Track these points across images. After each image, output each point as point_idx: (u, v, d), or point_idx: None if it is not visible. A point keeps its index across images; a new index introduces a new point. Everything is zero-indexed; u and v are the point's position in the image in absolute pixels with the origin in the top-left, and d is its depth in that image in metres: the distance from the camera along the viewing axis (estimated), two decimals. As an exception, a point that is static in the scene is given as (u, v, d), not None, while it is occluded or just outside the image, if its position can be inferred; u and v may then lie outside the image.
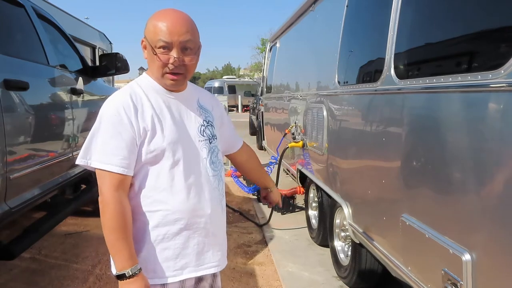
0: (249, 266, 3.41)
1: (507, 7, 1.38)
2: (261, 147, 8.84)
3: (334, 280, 3.13)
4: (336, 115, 3.04)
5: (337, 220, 3.22)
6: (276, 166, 4.53)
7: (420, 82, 1.79)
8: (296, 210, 4.81)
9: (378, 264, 2.65)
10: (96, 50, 7.85)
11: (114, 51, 8.97)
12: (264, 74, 7.52)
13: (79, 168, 3.30)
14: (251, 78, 31.53)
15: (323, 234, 3.61)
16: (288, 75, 5.28)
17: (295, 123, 4.33)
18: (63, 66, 3.28)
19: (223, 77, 38.21)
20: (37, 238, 2.68)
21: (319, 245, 3.77)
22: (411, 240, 1.87)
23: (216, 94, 19.25)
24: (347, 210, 2.74)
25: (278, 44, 6.12)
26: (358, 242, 2.66)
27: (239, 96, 24.39)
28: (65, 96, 3.12)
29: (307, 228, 4.14)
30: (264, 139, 7.44)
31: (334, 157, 3.06)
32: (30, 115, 2.52)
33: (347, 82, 2.87)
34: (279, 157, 4.53)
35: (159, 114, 1.31)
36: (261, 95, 8.28)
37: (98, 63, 4.77)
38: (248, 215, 4.76)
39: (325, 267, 3.33)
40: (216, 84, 27.99)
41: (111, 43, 9.00)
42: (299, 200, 4.92)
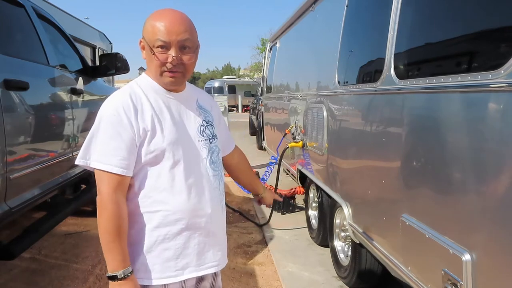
0: (249, 266, 3.41)
1: (507, 7, 1.38)
2: (261, 147, 8.85)
3: (334, 280, 3.13)
4: (336, 115, 3.03)
5: (337, 220, 3.22)
6: (276, 166, 4.53)
7: (420, 82, 1.79)
8: (296, 210, 4.80)
9: (378, 264, 2.65)
10: (96, 50, 7.85)
11: (114, 51, 8.98)
12: (264, 74, 7.52)
13: (79, 168, 3.30)
14: (251, 78, 31.51)
15: (323, 234, 3.61)
16: (288, 75, 5.28)
17: (295, 123, 4.33)
18: (63, 66, 3.28)
19: (223, 77, 38.22)
20: (37, 238, 2.69)
21: (319, 245, 3.77)
22: (411, 240, 1.87)
23: (216, 94, 19.29)
24: (347, 210, 2.74)
25: (278, 44, 6.12)
26: (358, 242, 2.66)
27: (239, 96, 24.38)
28: (65, 96, 3.12)
29: (307, 228, 4.14)
30: (264, 139, 7.44)
31: (334, 157, 3.06)
32: (30, 115, 2.52)
33: (347, 82, 2.87)
34: (279, 157, 4.53)
35: (159, 115, 1.31)
36: (261, 95, 8.27)
37: (98, 63, 4.77)
38: (248, 215, 4.76)
39: (325, 267, 3.33)
40: (216, 84, 28.00)
41: (111, 43, 9.01)
42: (299, 200, 4.92)
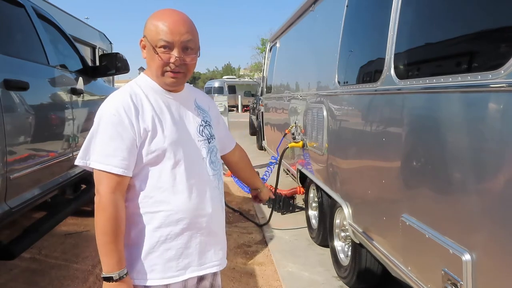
0: (249, 266, 3.41)
1: (507, 7, 1.38)
2: (261, 147, 8.84)
3: (334, 280, 3.13)
4: (336, 115, 3.03)
5: (337, 220, 3.22)
6: (276, 166, 4.53)
7: (420, 82, 1.79)
8: (296, 210, 4.81)
9: (378, 264, 2.65)
10: (96, 50, 7.85)
11: (114, 51, 8.97)
12: (264, 74, 7.52)
13: (79, 168, 3.30)
14: (251, 78, 31.51)
15: (323, 234, 3.61)
16: (288, 75, 5.28)
17: (295, 123, 4.33)
18: (63, 66, 3.28)
19: (223, 77, 38.21)
20: (37, 238, 2.68)
21: (319, 245, 3.77)
22: (411, 240, 1.87)
23: (216, 94, 19.27)
24: (347, 210, 2.74)
25: (278, 44, 6.12)
26: (358, 242, 2.66)
27: (239, 96, 24.37)
28: (65, 96, 3.12)
29: (307, 228, 4.14)
30: (264, 139, 7.44)
31: (334, 157, 3.06)
32: (30, 115, 2.52)
33: (347, 82, 2.87)
34: (279, 157, 4.53)
35: (159, 115, 1.31)
36: (261, 95, 8.27)
37: (98, 63, 4.77)
38: (248, 215, 4.76)
39: (325, 267, 3.33)
40: (216, 84, 27.99)
41: (111, 43, 9.00)
42: (299, 200, 4.92)
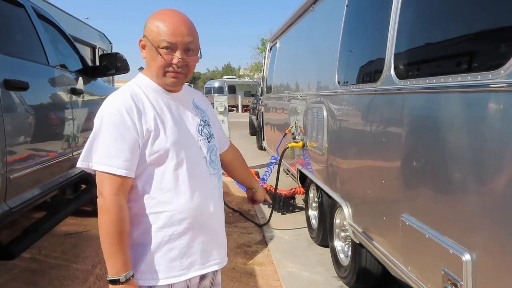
0: (249, 266, 3.41)
1: (507, 7, 1.38)
2: (261, 147, 8.85)
3: (334, 280, 3.13)
4: (336, 115, 3.03)
5: (337, 220, 3.22)
6: (276, 166, 4.53)
7: (420, 82, 1.79)
8: (296, 210, 4.81)
9: (378, 264, 2.65)
10: (96, 50, 7.85)
11: (114, 51, 8.97)
12: (264, 74, 7.52)
13: (79, 168, 3.30)
14: (251, 78, 31.50)
15: (323, 234, 3.61)
16: (288, 75, 5.28)
17: (295, 123, 4.33)
18: (63, 66, 3.28)
19: (223, 77, 38.18)
20: (37, 238, 2.68)
21: (319, 245, 3.77)
22: (411, 240, 1.87)
23: (216, 94, 19.26)
24: (347, 210, 2.74)
25: (278, 44, 6.12)
26: (358, 242, 2.66)
27: (239, 96, 24.38)
28: (65, 96, 3.12)
29: (307, 228, 4.14)
30: (264, 139, 7.44)
31: (334, 157, 3.06)
32: (30, 115, 2.52)
33: (347, 82, 2.87)
34: (279, 157, 4.53)
35: (160, 115, 1.31)
36: (261, 95, 8.28)
37: (98, 63, 4.77)
38: (248, 215, 4.76)
39: (325, 267, 3.33)
40: (216, 84, 27.99)
41: (111, 43, 9.01)
42: (299, 200, 4.92)
